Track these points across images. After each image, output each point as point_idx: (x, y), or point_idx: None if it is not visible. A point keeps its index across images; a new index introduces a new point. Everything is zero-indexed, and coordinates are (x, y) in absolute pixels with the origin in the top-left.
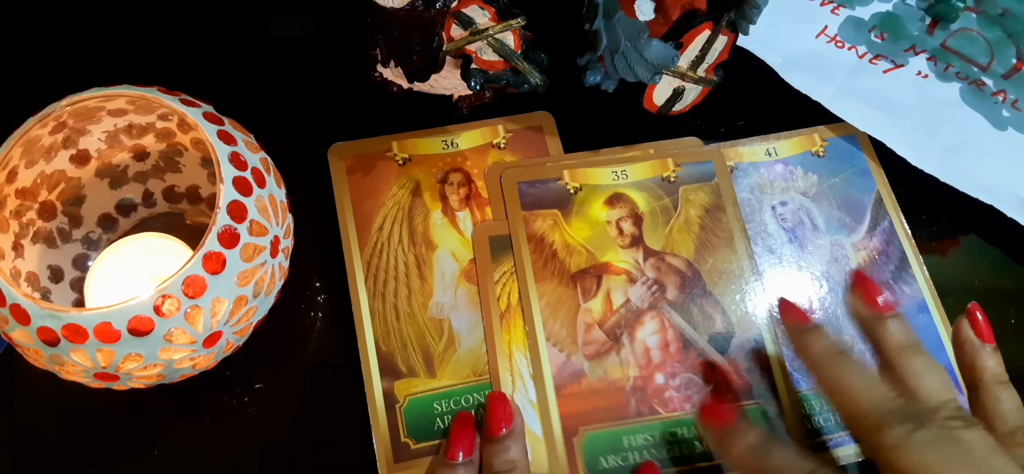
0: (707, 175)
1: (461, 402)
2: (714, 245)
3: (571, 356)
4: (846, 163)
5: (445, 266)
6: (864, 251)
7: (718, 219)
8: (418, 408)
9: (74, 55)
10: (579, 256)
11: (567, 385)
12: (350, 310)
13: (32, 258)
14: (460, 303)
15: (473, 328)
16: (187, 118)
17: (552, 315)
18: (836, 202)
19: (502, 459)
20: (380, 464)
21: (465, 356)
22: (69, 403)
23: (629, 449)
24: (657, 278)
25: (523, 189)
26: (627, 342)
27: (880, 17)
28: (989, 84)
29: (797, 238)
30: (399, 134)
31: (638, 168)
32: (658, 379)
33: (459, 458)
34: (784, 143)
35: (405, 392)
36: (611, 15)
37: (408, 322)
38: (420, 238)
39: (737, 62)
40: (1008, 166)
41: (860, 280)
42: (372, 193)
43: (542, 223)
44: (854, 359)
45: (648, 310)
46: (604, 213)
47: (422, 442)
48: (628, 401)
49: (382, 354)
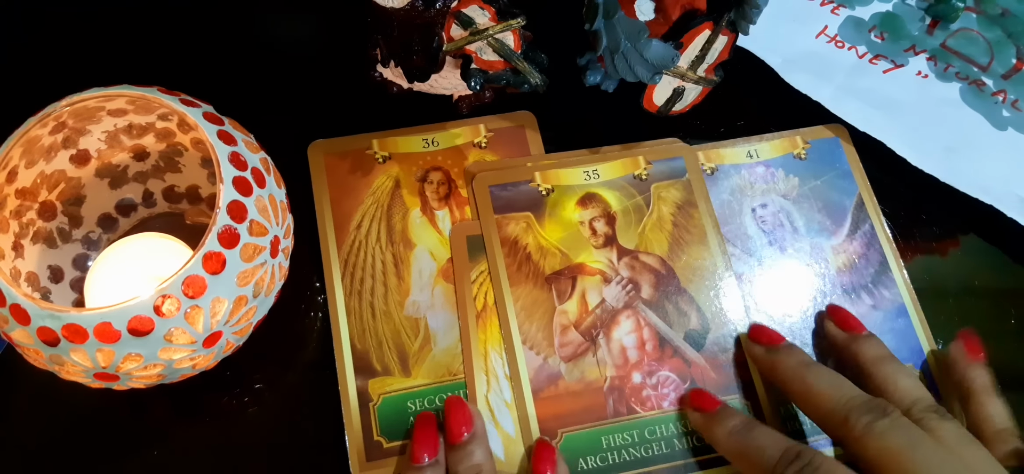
0: (678, 172)
1: (435, 402)
2: (687, 242)
3: (548, 359)
4: (828, 165)
5: (423, 265)
6: (844, 254)
7: (690, 216)
8: (392, 407)
9: (74, 55)
10: (553, 258)
11: (544, 388)
12: (326, 308)
13: (32, 258)
14: (437, 302)
15: (449, 327)
16: (187, 118)
17: (528, 318)
18: (817, 205)
19: (467, 465)
20: (352, 462)
21: (441, 355)
22: (69, 403)
23: (608, 449)
24: (631, 277)
25: (495, 192)
26: (603, 342)
27: (880, 17)
28: (989, 84)
29: (777, 241)
30: (380, 132)
31: (609, 167)
32: (635, 378)
33: (425, 460)
34: (766, 145)
35: (379, 391)
36: (611, 15)
37: (384, 320)
38: (398, 236)
39: (737, 62)
40: (1008, 166)
41: (835, 309)
42: (351, 190)
43: (515, 226)
44: (821, 366)
45: (623, 310)
46: (577, 214)
47: (395, 441)
48: (606, 401)
49: (357, 352)
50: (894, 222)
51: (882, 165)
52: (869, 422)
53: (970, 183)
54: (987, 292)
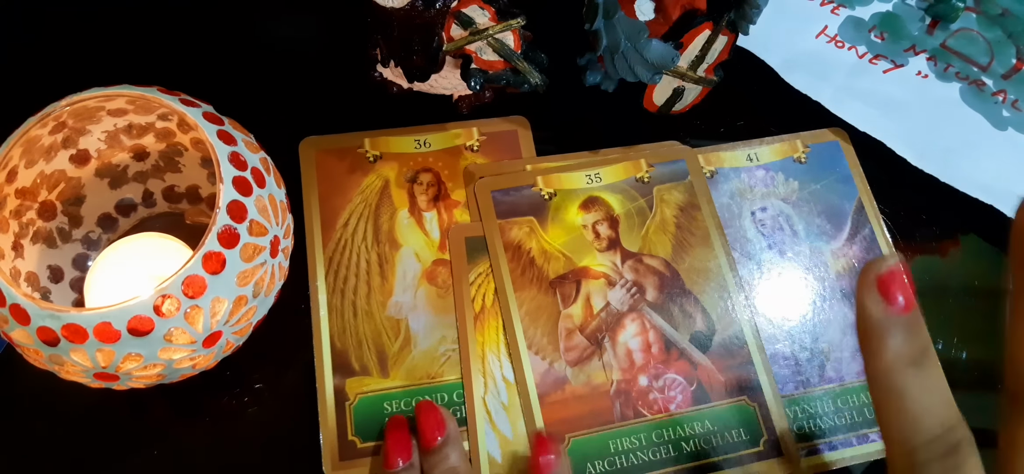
0: (680, 174)
1: (412, 404)
2: (691, 244)
3: (553, 363)
4: (828, 170)
5: (407, 266)
6: (844, 258)
7: (693, 217)
8: (368, 407)
9: (74, 55)
10: (557, 262)
11: (551, 393)
12: (308, 304)
13: (32, 258)
14: (420, 304)
15: (431, 330)
16: (187, 118)
17: (533, 323)
18: (817, 209)
19: (443, 468)
20: (325, 461)
21: (420, 358)
22: (69, 403)
23: (616, 453)
24: (636, 280)
25: (497, 197)
26: (609, 346)
27: (880, 17)
28: (989, 84)
29: (776, 245)
30: (372, 131)
31: (611, 170)
32: (642, 381)
33: (399, 465)
34: (766, 149)
35: (356, 390)
36: (611, 15)
37: (365, 320)
38: (385, 236)
39: (737, 62)
40: (1008, 166)
41: (876, 269)
42: (341, 188)
43: (518, 231)
44: (933, 368)
45: (628, 313)
46: (580, 217)
47: (369, 442)
48: (613, 405)
49: (336, 351)
50: (894, 222)
51: (882, 166)
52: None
53: (970, 183)
54: (987, 292)
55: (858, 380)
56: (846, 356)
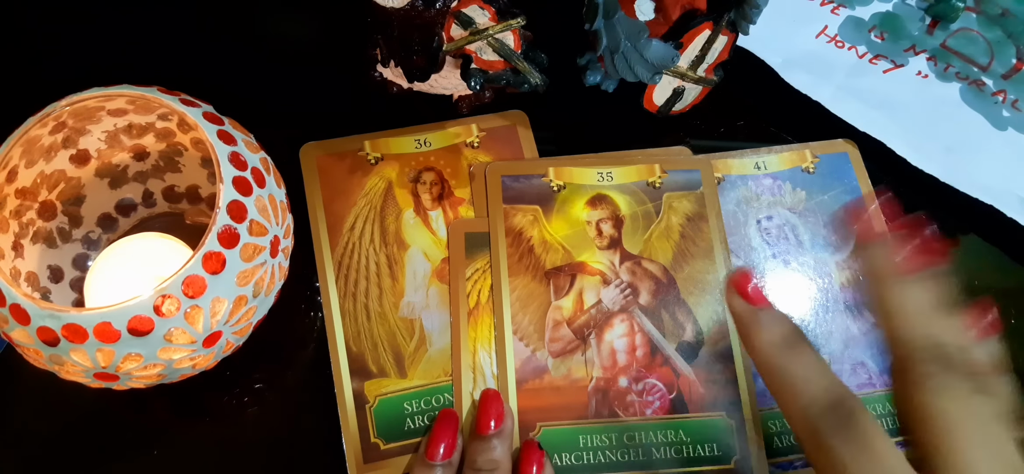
0: (693, 184)
1: (432, 402)
2: (693, 254)
3: (536, 351)
4: (836, 181)
5: (417, 266)
6: (849, 270)
7: (700, 229)
8: (388, 408)
9: (74, 55)
10: (556, 254)
11: (529, 380)
12: (321, 310)
13: (32, 258)
14: (432, 303)
15: (444, 328)
16: (187, 118)
17: (522, 309)
18: (823, 220)
19: (486, 457)
20: (350, 465)
21: (436, 356)
22: (69, 403)
23: (585, 449)
24: (631, 282)
25: (506, 182)
26: (594, 343)
27: (880, 17)
28: (989, 84)
29: (780, 254)
30: (372, 133)
31: (624, 171)
32: (621, 382)
33: (439, 457)
34: (774, 158)
35: (375, 392)
36: (611, 15)
37: (379, 322)
38: (392, 237)
39: (737, 62)
40: (1008, 166)
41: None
42: (344, 192)
43: (522, 218)
44: (807, 347)
45: (619, 313)
46: (585, 213)
47: (392, 442)
48: (589, 401)
49: (352, 355)
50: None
51: (882, 166)
52: (833, 436)
53: (970, 183)
54: (987, 292)
55: (859, 392)
56: (846, 369)
